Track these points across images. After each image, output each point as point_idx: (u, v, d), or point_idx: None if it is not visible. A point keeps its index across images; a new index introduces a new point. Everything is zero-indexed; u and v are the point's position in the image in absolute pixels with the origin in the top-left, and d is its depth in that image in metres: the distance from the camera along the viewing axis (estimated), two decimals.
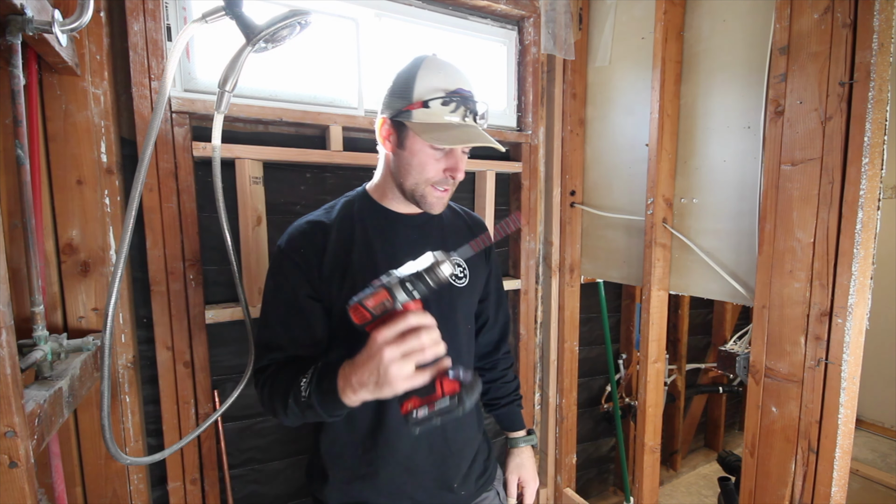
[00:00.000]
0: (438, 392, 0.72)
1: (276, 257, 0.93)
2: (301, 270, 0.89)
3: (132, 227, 0.65)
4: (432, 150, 0.86)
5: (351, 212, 0.95)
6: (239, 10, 0.78)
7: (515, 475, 1.16)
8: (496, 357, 1.17)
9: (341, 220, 0.93)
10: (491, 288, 1.13)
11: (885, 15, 0.93)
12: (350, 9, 1.45)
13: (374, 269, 0.90)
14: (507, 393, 1.17)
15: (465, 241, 1.03)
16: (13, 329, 0.62)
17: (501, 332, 1.18)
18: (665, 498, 2.45)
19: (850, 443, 1.03)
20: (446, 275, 0.69)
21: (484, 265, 1.09)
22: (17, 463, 0.62)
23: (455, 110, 0.85)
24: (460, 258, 1.01)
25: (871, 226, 0.98)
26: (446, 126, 0.84)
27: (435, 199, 0.90)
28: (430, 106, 0.84)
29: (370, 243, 0.92)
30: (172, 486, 1.28)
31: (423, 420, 0.71)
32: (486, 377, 1.17)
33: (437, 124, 0.84)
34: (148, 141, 0.69)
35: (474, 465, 1.04)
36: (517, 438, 1.17)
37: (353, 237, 0.92)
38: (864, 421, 2.79)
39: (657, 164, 1.42)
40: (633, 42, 1.57)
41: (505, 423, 1.18)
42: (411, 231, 0.96)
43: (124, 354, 1.19)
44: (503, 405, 1.16)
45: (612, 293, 2.28)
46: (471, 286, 1.02)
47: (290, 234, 0.92)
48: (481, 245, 0.84)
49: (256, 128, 1.37)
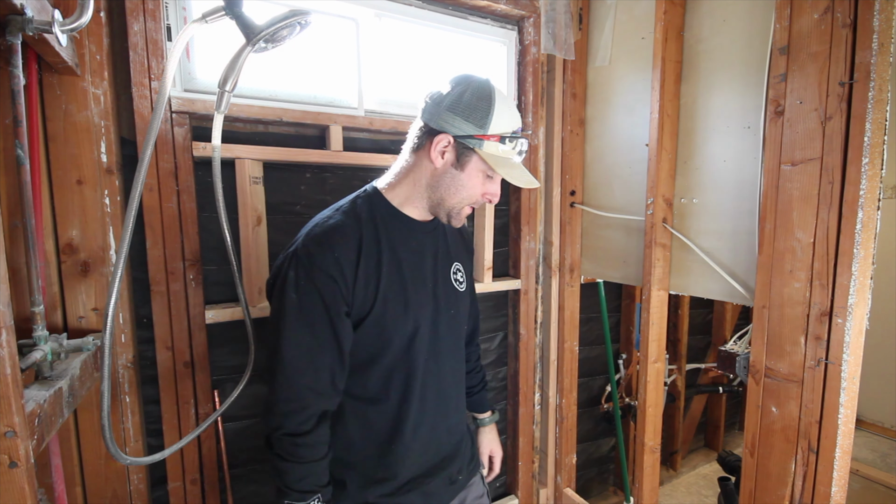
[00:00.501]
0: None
1: (297, 266, 0.81)
2: (336, 283, 0.81)
3: (132, 227, 0.65)
4: (483, 177, 0.90)
5: (373, 216, 0.90)
6: (239, 10, 0.78)
7: (487, 449, 1.27)
8: (470, 349, 1.22)
9: (366, 227, 0.88)
10: (470, 284, 1.16)
11: (885, 15, 0.93)
12: (350, 9, 1.45)
13: (402, 277, 0.90)
14: (478, 381, 1.26)
15: (462, 246, 1.11)
16: (13, 329, 0.62)
17: (474, 325, 1.24)
18: (665, 498, 2.45)
19: (850, 443, 1.03)
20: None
21: (470, 264, 1.15)
22: (17, 463, 0.62)
23: (518, 150, 0.91)
24: (458, 264, 1.05)
25: (871, 226, 0.98)
26: (512, 164, 0.90)
27: (465, 216, 0.94)
28: (505, 143, 0.88)
29: (395, 251, 0.90)
30: (172, 486, 1.28)
31: None
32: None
33: (506, 160, 0.89)
34: (148, 141, 0.69)
35: (466, 452, 1.11)
36: (484, 419, 1.28)
37: (381, 247, 0.88)
38: (864, 421, 2.79)
39: (657, 164, 1.42)
40: (633, 42, 1.57)
41: (474, 408, 1.28)
42: (425, 237, 0.97)
43: (124, 354, 1.19)
44: (475, 392, 1.26)
45: (612, 293, 2.28)
46: (468, 289, 1.08)
47: (316, 238, 0.83)
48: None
49: (256, 128, 1.37)
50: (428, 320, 0.94)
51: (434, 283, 0.97)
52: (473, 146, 0.86)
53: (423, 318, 0.93)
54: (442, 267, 0.99)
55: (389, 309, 0.87)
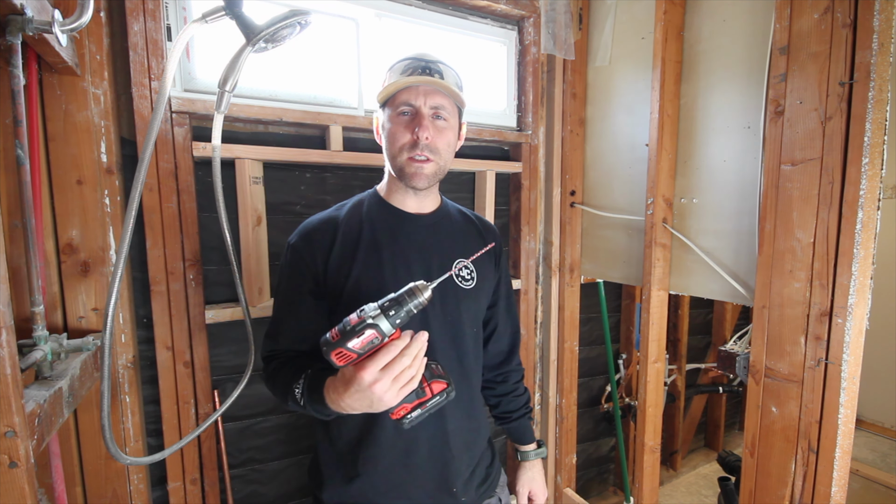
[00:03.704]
0: (428, 393, 0.74)
1: (286, 252, 0.95)
2: (307, 265, 0.91)
3: (132, 227, 0.65)
4: (399, 118, 0.89)
5: (360, 210, 0.96)
6: (239, 10, 0.78)
7: (527, 489, 1.16)
8: (508, 369, 1.14)
9: (349, 218, 0.95)
10: (500, 294, 1.10)
11: (885, 15, 0.93)
12: (350, 9, 1.45)
13: (380, 267, 0.90)
14: (518, 406, 1.14)
15: (475, 245, 1.03)
16: (13, 329, 0.62)
17: (512, 342, 1.14)
18: (665, 498, 2.45)
19: (850, 443, 1.03)
20: (425, 300, 0.69)
21: (493, 269, 1.07)
22: (17, 463, 0.62)
23: (411, 74, 0.88)
24: (468, 262, 1.00)
25: (871, 226, 0.98)
26: (407, 80, 0.88)
27: (413, 170, 0.90)
28: (392, 74, 0.90)
29: (377, 241, 0.92)
30: (172, 486, 1.28)
31: (416, 419, 0.73)
32: (498, 390, 1.14)
33: (398, 83, 0.88)
34: (148, 141, 0.69)
35: (477, 470, 1.02)
36: (528, 452, 1.16)
37: (361, 234, 0.92)
38: (864, 421, 2.79)
39: (657, 164, 1.42)
40: (633, 42, 1.57)
41: (515, 437, 1.17)
42: (419, 230, 0.96)
43: (124, 354, 1.19)
44: (514, 419, 1.14)
45: (612, 293, 2.28)
46: (477, 289, 1.00)
47: (300, 229, 0.95)
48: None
49: (256, 128, 1.37)
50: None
51: (425, 276, 0.90)
52: (380, 99, 0.92)
53: None
54: (439, 261, 0.95)
55: (363, 291, 0.89)
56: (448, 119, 0.92)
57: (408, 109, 0.89)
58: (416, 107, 0.89)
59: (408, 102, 0.88)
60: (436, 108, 0.89)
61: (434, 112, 0.90)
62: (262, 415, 1.46)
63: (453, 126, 0.94)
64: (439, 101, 0.89)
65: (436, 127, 0.90)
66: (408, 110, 0.89)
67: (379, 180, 1.02)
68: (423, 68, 0.89)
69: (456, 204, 1.10)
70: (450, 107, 0.92)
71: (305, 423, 1.52)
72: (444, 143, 0.91)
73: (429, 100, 0.88)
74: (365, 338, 0.66)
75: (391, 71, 0.93)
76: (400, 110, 0.89)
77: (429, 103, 0.89)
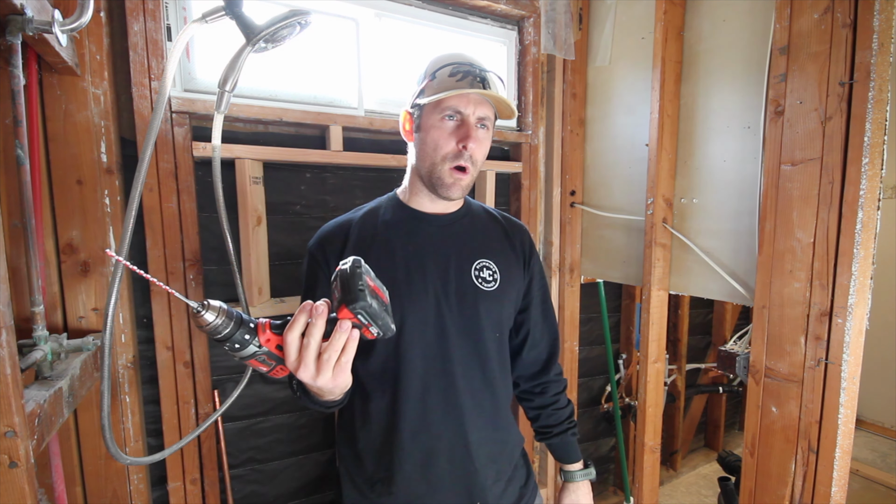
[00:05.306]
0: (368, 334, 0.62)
1: (305, 257, 0.96)
2: (321, 269, 0.91)
3: (132, 227, 0.65)
4: (443, 123, 0.86)
5: (377, 212, 0.96)
6: (239, 10, 0.78)
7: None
8: (546, 379, 1.05)
9: (364, 220, 0.94)
10: (533, 298, 1.02)
11: (885, 15, 0.93)
12: (350, 9, 1.45)
13: (393, 267, 0.88)
14: (559, 421, 1.05)
15: (500, 245, 0.98)
16: (13, 329, 0.62)
17: (550, 350, 1.06)
18: (665, 498, 2.45)
19: (850, 443, 1.03)
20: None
21: (521, 271, 1.00)
22: (17, 463, 0.62)
23: (462, 79, 0.85)
24: (489, 262, 0.95)
25: (871, 226, 0.98)
26: (455, 86, 0.85)
27: (453, 181, 0.88)
28: (436, 76, 0.86)
29: (390, 242, 0.91)
30: (172, 486, 1.28)
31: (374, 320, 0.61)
32: (536, 402, 1.07)
33: (445, 88, 0.85)
34: (148, 141, 0.69)
35: (508, 489, 0.97)
36: (573, 472, 1.07)
37: (375, 236, 0.91)
38: (864, 421, 2.79)
39: (657, 164, 1.42)
40: (633, 42, 1.57)
41: (558, 454, 1.07)
42: (435, 230, 0.93)
43: (124, 354, 1.19)
44: (556, 434, 1.05)
45: (612, 293, 2.28)
46: (500, 291, 0.93)
47: (317, 234, 0.96)
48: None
49: (256, 128, 1.37)
50: (421, 315, 0.87)
51: (441, 278, 0.90)
52: (419, 102, 0.88)
53: (414, 311, 0.87)
54: (457, 261, 0.92)
55: None
56: (489, 129, 0.91)
57: (454, 115, 0.86)
58: (465, 115, 0.86)
59: (456, 109, 0.85)
60: (482, 118, 0.88)
61: (479, 121, 0.88)
62: (262, 415, 1.46)
63: (491, 136, 0.93)
64: (486, 112, 0.88)
65: (479, 138, 0.87)
66: (454, 115, 0.86)
67: (379, 180, 1.02)
68: (474, 76, 0.86)
69: (483, 203, 1.08)
70: (492, 117, 0.91)
71: (305, 424, 1.53)
72: (482, 154, 0.90)
73: (478, 110, 0.86)
74: (255, 362, 0.61)
75: (437, 72, 0.88)
76: (446, 114, 0.85)
77: (477, 113, 0.86)
